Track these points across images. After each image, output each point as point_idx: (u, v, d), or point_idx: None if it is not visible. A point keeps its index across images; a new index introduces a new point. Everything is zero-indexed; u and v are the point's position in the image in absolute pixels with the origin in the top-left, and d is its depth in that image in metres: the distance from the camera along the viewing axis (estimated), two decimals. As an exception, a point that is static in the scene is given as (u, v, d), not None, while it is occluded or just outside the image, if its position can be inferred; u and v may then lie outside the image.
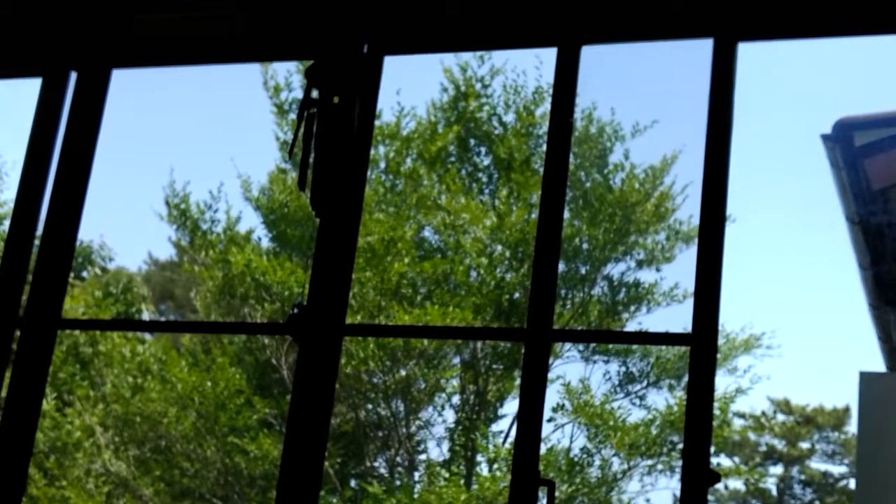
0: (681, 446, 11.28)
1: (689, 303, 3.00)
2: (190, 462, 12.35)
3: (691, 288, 3.02)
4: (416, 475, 12.49)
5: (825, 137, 5.78)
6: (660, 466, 12.06)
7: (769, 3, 3.22)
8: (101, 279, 15.99)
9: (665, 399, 12.20)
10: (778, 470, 22.13)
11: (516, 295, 12.23)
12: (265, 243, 12.99)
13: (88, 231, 16.55)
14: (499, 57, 12.78)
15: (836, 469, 21.93)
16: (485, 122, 12.98)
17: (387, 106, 12.62)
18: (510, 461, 9.88)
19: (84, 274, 16.11)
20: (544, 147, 12.59)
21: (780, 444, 22.19)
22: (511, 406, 12.54)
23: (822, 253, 26.04)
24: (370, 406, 12.64)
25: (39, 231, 3.69)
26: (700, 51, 3.19)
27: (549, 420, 11.91)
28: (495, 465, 11.81)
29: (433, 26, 3.55)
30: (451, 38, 3.70)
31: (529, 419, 3.01)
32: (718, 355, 12.87)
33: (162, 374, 12.49)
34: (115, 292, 15.07)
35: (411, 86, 13.39)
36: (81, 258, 15.86)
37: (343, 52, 3.44)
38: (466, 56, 12.80)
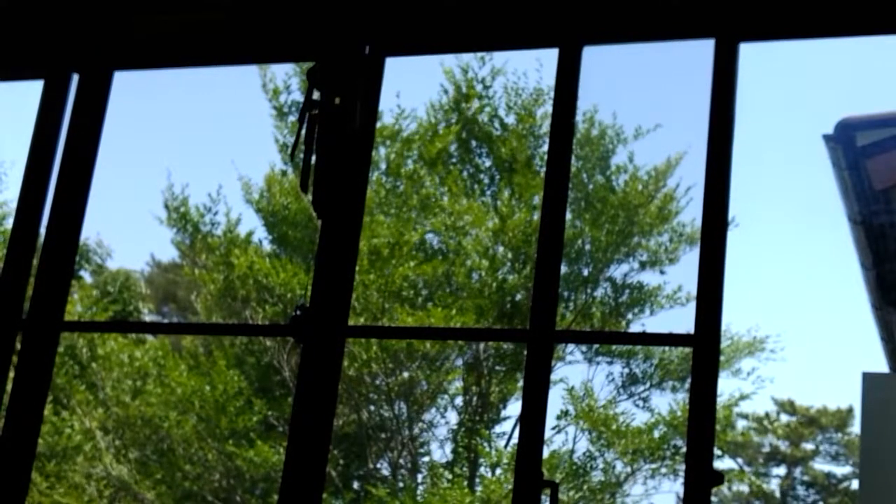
0: (684, 450, 11.26)
1: (693, 305, 2.99)
2: (191, 465, 12.35)
3: (695, 291, 3.02)
4: (420, 477, 12.48)
5: (827, 138, 5.78)
6: (663, 470, 12.05)
7: (770, 4, 3.22)
8: (98, 279, 15.98)
9: (668, 402, 12.20)
10: (781, 471, 22.13)
11: (518, 297, 12.22)
12: (266, 245, 13.00)
13: (87, 229, 16.51)
14: (499, 58, 12.79)
15: (840, 470, 21.93)
16: (486, 123, 12.98)
17: (386, 107, 12.64)
18: (514, 464, 9.88)
19: (82, 273, 16.09)
20: (546, 148, 12.53)
21: (783, 445, 22.18)
22: (514, 408, 12.54)
23: (824, 253, 26.06)
24: (373, 408, 12.64)
25: (42, 232, 3.69)
26: (703, 51, 3.19)
27: (553, 428, 11.91)
28: (498, 469, 11.80)
29: (434, 27, 3.54)
30: (452, 39, 3.70)
31: (532, 420, 3.01)
32: (722, 357, 12.88)
33: (161, 377, 12.48)
34: (112, 291, 15.06)
35: (411, 87, 13.40)
36: (78, 256, 15.80)
37: (344, 53, 3.44)
38: (467, 57, 12.80)
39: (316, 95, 3.40)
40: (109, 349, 12.83)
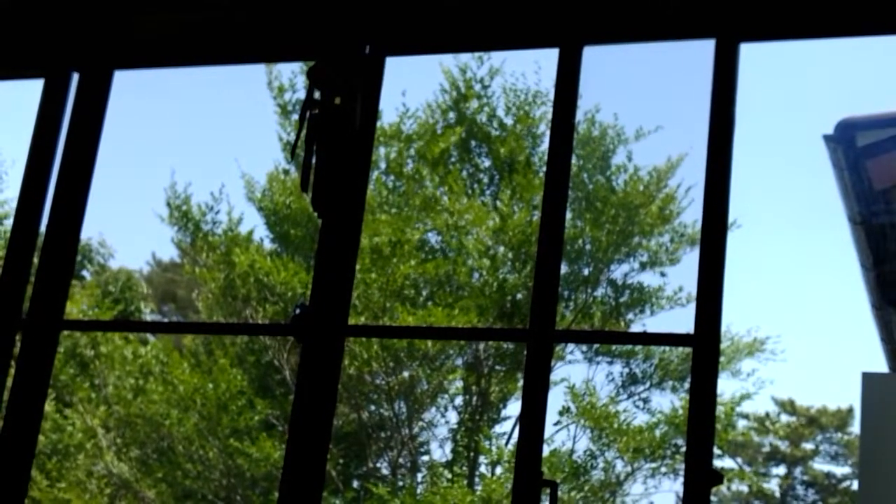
0: (685, 449, 11.24)
1: (693, 306, 2.99)
2: (192, 463, 12.35)
3: (695, 291, 3.02)
4: (419, 476, 12.48)
5: (827, 138, 5.77)
6: (664, 469, 12.05)
7: (771, 4, 3.22)
8: (100, 278, 15.98)
9: (670, 401, 12.20)
10: (781, 471, 22.12)
11: (519, 296, 12.22)
12: (267, 244, 13.00)
13: (88, 229, 16.53)
14: (497, 57, 12.78)
15: (840, 470, 21.93)
16: (485, 123, 12.97)
17: (391, 107, 12.64)
18: (514, 463, 9.87)
19: (84, 273, 16.08)
20: (544, 147, 12.50)
21: (783, 445, 22.18)
22: (514, 407, 12.53)
23: (824, 254, 26.05)
24: (373, 407, 12.64)
25: (42, 232, 3.69)
26: (704, 51, 3.19)
27: (556, 424, 11.91)
28: (499, 468, 11.80)
29: (435, 27, 3.55)
30: (452, 39, 3.70)
31: (532, 420, 3.01)
32: (723, 358, 12.86)
33: (164, 375, 12.49)
34: (114, 291, 15.06)
35: (410, 87, 13.38)
36: (80, 256, 15.80)
37: (345, 52, 3.44)
38: (465, 57, 12.78)
39: (317, 95, 3.40)
40: (112, 347, 12.84)
